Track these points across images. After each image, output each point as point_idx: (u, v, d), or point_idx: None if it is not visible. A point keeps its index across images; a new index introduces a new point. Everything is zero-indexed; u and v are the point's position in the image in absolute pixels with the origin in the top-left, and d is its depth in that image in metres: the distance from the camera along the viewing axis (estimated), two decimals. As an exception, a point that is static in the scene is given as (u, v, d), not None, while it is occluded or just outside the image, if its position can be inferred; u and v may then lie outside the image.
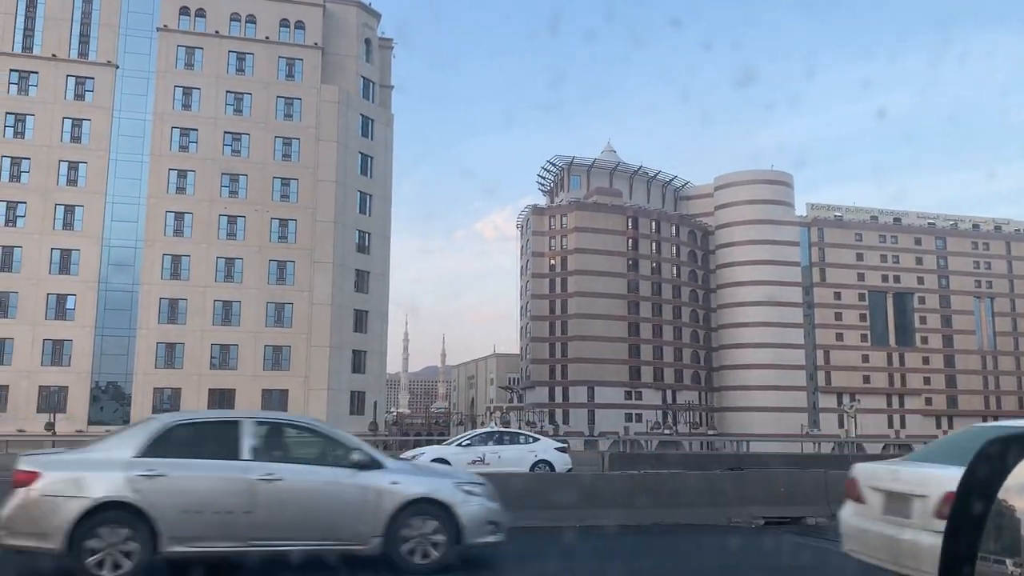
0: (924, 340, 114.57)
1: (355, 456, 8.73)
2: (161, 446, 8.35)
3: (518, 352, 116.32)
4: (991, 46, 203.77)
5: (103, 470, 8.15)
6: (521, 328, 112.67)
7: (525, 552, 10.37)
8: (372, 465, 8.73)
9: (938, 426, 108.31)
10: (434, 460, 20.51)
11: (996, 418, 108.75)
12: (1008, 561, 1.78)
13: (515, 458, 22.35)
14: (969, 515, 1.72)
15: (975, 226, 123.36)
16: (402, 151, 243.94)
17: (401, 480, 8.82)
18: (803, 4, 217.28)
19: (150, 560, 7.85)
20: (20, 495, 7.90)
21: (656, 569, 10.22)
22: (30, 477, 7.97)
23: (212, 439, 9.00)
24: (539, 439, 24.89)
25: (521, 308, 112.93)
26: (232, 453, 8.47)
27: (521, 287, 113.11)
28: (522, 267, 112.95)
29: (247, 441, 8.60)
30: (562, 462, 23.21)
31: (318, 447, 9.23)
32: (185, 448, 8.60)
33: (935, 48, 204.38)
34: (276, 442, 9.17)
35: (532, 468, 22.27)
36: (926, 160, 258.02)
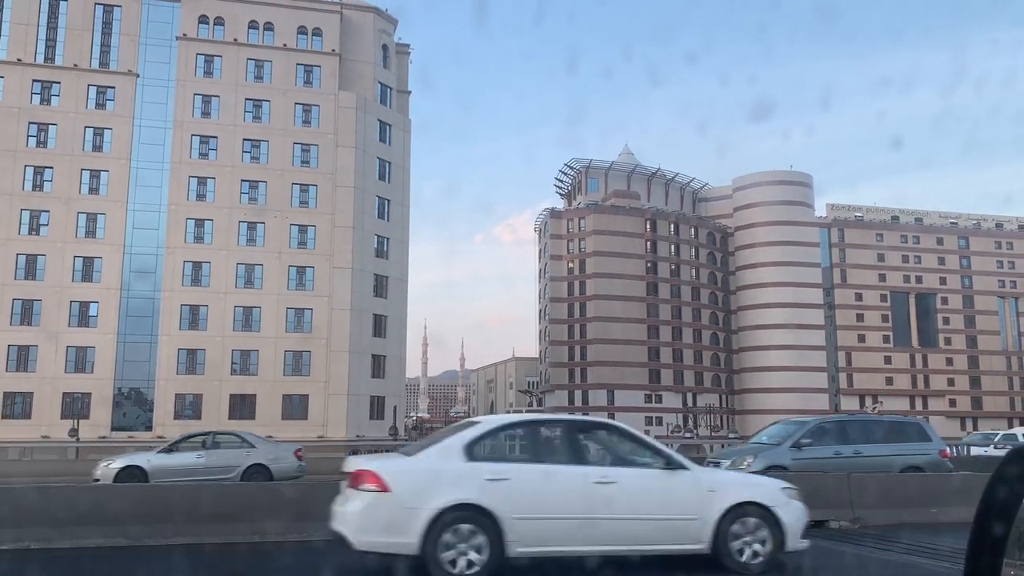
0: (947, 341, 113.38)
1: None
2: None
3: (537, 356, 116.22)
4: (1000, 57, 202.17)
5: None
6: (540, 331, 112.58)
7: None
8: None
9: (963, 428, 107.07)
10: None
11: (1022, 420, 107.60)
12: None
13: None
14: (991, 526, 1.67)
15: (998, 225, 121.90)
16: (420, 156, 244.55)
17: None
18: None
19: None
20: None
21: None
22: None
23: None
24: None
25: (540, 311, 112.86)
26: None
27: (539, 290, 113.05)
28: (540, 270, 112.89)
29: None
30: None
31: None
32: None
33: (947, 54, 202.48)
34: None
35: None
36: (936, 164, 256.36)
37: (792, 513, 8.93)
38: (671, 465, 8.81)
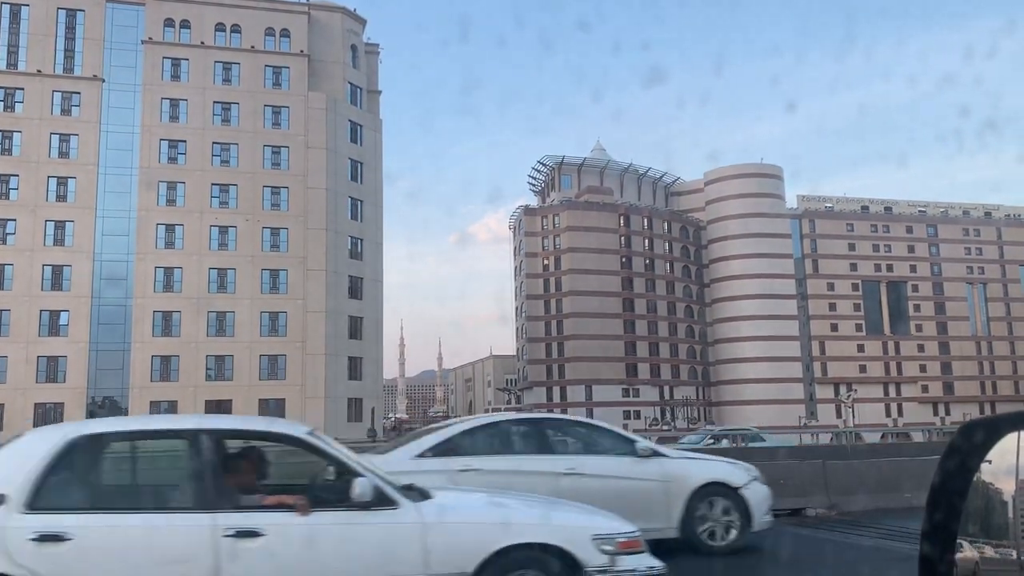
0: (919, 328, 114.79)
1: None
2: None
3: (514, 353, 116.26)
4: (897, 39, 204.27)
5: None
6: (517, 329, 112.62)
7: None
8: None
9: (935, 413, 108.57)
10: None
11: (992, 403, 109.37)
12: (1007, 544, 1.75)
13: None
14: (945, 501, 1.70)
15: (965, 212, 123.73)
16: (393, 156, 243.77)
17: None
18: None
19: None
20: None
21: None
22: None
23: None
24: None
25: (516, 309, 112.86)
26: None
27: (515, 288, 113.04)
28: (516, 268, 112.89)
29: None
30: None
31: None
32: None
33: (841, 45, 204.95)
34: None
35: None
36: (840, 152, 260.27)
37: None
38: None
